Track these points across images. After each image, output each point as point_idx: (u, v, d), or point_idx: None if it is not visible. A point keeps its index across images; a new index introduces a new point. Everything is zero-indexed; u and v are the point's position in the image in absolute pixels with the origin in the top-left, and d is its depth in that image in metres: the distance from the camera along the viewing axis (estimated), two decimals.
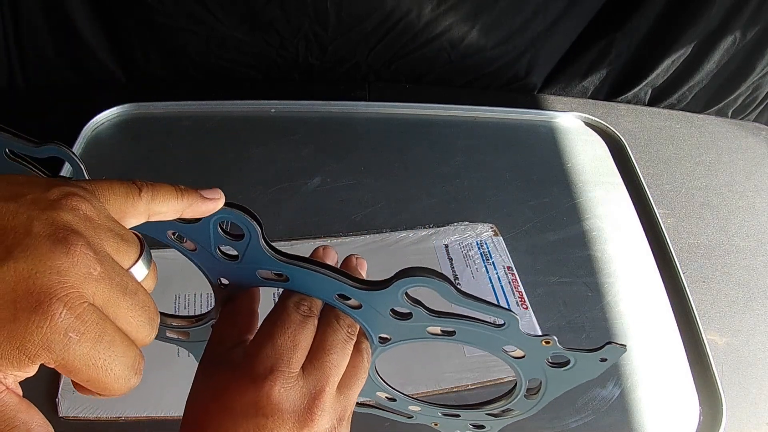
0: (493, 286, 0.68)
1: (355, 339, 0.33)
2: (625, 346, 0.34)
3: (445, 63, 0.93)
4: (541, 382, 0.36)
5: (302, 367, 0.30)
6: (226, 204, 0.29)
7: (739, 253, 0.76)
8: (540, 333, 0.64)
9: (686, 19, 0.86)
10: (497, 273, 0.69)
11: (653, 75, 0.93)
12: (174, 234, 0.31)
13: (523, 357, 0.34)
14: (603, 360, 0.36)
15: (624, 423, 0.59)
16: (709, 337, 0.66)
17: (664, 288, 0.70)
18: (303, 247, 0.68)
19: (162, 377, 0.55)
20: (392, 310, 0.33)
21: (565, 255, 0.73)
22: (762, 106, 0.98)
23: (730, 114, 0.99)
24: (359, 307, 0.33)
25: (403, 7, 0.85)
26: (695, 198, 0.83)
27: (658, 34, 0.89)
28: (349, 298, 0.32)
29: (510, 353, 0.34)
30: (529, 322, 0.65)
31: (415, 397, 0.41)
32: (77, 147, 0.78)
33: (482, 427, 0.40)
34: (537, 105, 0.95)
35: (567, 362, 0.36)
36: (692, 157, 0.89)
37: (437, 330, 0.34)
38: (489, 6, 0.86)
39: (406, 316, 0.33)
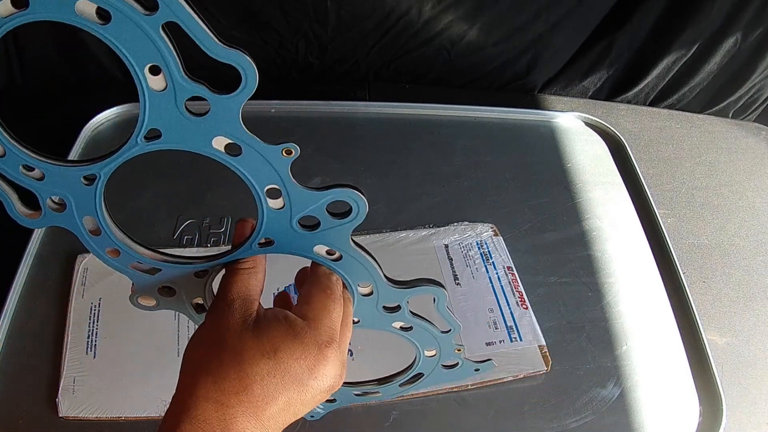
0: (493, 286, 0.68)
1: None
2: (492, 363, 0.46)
3: (445, 62, 0.93)
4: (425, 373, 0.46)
5: None
6: (338, 185, 0.32)
7: (739, 253, 0.76)
8: (540, 332, 0.64)
9: (687, 20, 0.86)
10: (497, 273, 0.69)
11: (653, 75, 0.93)
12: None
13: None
14: (476, 370, 0.46)
15: (624, 423, 0.59)
16: (709, 337, 0.66)
17: (664, 288, 0.70)
18: None
19: (162, 377, 0.55)
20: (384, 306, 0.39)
21: (565, 255, 0.73)
22: (762, 108, 0.98)
23: (730, 115, 0.99)
24: (369, 294, 0.38)
25: (403, 6, 0.85)
26: (695, 198, 0.83)
27: (659, 35, 0.89)
28: (367, 287, 0.38)
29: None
30: (529, 322, 0.65)
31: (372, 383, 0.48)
32: (77, 147, 0.77)
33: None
34: (537, 105, 0.95)
35: (456, 364, 0.46)
36: (692, 157, 0.89)
37: (398, 325, 0.41)
38: (489, 4, 0.86)
39: (394, 310, 0.40)
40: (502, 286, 0.68)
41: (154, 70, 0.26)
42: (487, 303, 0.66)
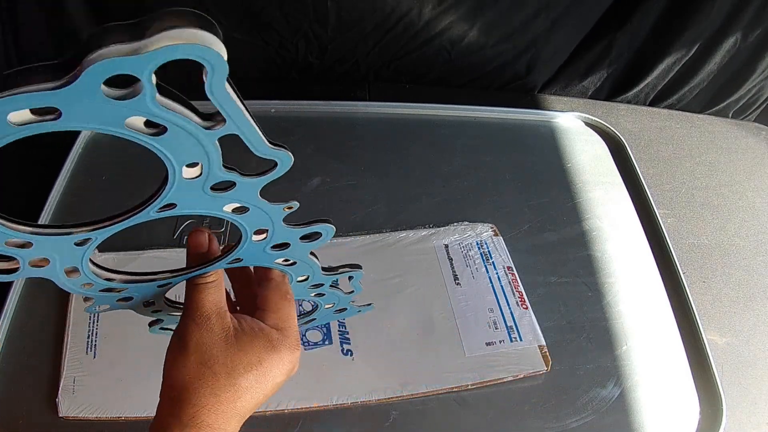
0: (493, 286, 0.68)
1: None
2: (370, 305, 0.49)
3: (445, 62, 0.93)
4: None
5: None
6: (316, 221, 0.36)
7: (739, 253, 0.76)
8: (540, 332, 0.64)
9: (687, 20, 0.86)
10: (497, 273, 0.69)
11: (653, 75, 0.93)
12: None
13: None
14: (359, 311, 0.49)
15: (624, 423, 0.59)
16: (709, 337, 0.66)
17: (664, 288, 0.70)
18: None
19: (162, 378, 0.55)
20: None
21: (565, 255, 0.73)
22: (762, 108, 0.98)
23: (730, 115, 0.99)
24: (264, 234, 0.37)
25: (404, 6, 0.85)
26: (695, 198, 0.83)
27: (659, 35, 0.89)
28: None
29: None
30: (529, 322, 0.65)
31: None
32: (77, 147, 0.78)
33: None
34: (537, 105, 0.95)
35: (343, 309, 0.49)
36: (692, 157, 0.89)
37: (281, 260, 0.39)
38: (489, 4, 0.86)
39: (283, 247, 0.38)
40: (502, 286, 0.68)
41: (192, 164, 0.26)
42: (487, 303, 0.66)
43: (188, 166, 0.26)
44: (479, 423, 0.59)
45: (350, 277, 0.43)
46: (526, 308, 0.66)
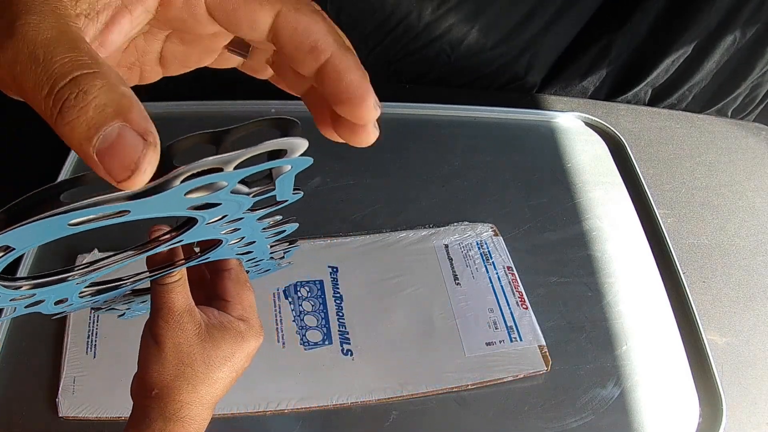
0: (493, 286, 0.68)
1: None
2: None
3: (445, 64, 0.93)
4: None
5: None
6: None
7: (739, 253, 0.76)
8: (540, 332, 0.64)
9: (686, 19, 0.86)
10: (497, 273, 0.69)
11: (653, 75, 0.93)
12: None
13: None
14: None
15: (624, 423, 0.59)
16: (709, 337, 0.66)
17: (664, 288, 0.70)
18: (303, 247, 0.68)
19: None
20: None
21: (565, 255, 0.73)
22: (762, 106, 0.98)
23: (730, 114, 0.99)
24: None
25: (403, 8, 0.85)
26: (695, 198, 0.83)
27: (658, 34, 0.89)
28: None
29: None
30: (529, 322, 0.65)
31: None
32: None
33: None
34: (537, 105, 0.95)
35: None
36: (692, 157, 0.89)
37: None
38: (488, 6, 0.86)
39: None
40: (502, 286, 0.68)
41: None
42: (487, 303, 0.66)
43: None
44: (479, 423, 0.59)
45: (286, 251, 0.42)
46: (526, 308, 0.66)
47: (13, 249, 0.20)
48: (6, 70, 0.19)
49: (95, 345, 0.60)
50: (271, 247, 0.40)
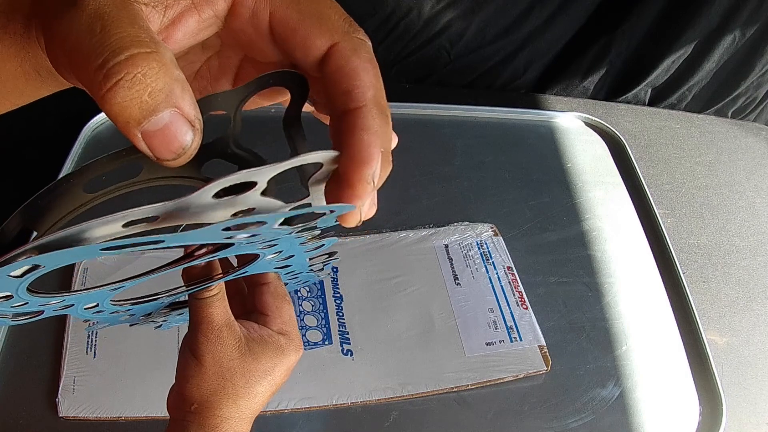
0: (493, 286, 0.68)
1: None
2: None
3: (445, 64, 0.93)
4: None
5: None
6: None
7: (739, 253, 0.76)
8: (540, 332, 0.64)
9: (686, 19, 0.86)
10: (497, 273, 0.69)
11: (653, 75, 0.93)
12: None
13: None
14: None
15: (624, 423, 0.59)
16: (709, 337, 0.66)
17: (664, 288, 0.70)
18: None
19: (162, 377, 0.55)
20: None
21: (565, 255, 0.73)
22: (762, 106, 0.98)
23: (729, 114, 0.99)
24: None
25: (404, 7, 0.85)
26: (695, 198, 0.83)
27: (658, 34, 0.89)
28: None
29: None
30: (529, 322, 0.65)
31: None
32: (77, 147, 0.77)
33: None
34: (537, 105, 0.95)
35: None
36: (692, 157, 0.89)
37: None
38: (487, 1, 0.86)
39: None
40: (502, 286, 0.68)
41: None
42: (487, 303, 0.66)
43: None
44: (479, 423, 0.59)
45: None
46: (526, 308, 0.66)
47: (42, 267, 0.20)
48: (59, 44, 0.18)
49: (95, 345, 0.60)
50: (310, 259, 0.38)
